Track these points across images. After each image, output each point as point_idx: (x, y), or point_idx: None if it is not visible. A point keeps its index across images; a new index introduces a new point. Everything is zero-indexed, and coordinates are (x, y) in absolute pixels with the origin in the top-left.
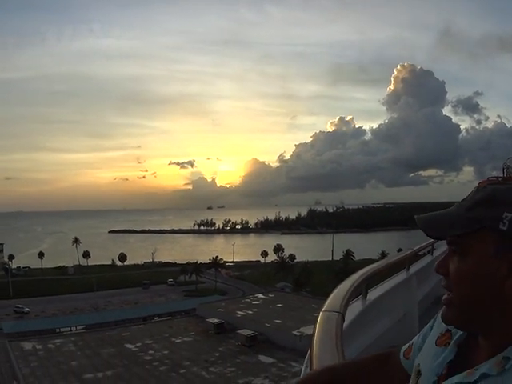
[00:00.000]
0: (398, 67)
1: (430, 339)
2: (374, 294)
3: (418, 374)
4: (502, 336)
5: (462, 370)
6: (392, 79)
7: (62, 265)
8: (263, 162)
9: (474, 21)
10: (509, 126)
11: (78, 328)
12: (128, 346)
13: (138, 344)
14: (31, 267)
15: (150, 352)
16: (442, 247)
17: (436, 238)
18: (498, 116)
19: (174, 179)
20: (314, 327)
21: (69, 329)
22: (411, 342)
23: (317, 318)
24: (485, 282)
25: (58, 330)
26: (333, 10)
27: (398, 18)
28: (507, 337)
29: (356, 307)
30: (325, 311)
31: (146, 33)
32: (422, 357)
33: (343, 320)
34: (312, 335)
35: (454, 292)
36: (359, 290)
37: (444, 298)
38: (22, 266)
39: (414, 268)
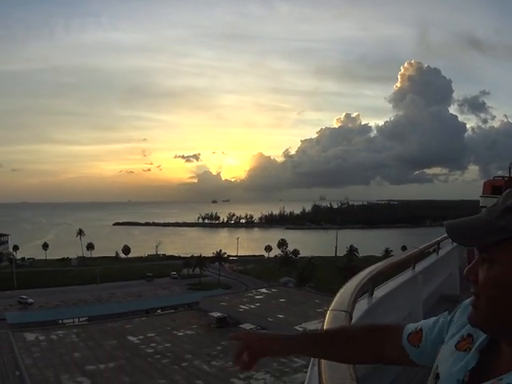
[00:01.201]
0: (405, 65)
1: (449, 341)
2: (379, 292)
3: (437, 377)
4: None
5: (485, 378)
6: (399, 77)
7: (65, 256)
8: (268, 157)
9: (481, 19)
10: None
11: (80, 320)
12: (130, 338)
13: (141, 336)
14: (35, 258)
15: (153, 345)
16: (448, 246)
17: (466, 246)
18: (505, 115)
19: (179, 172)
20: (322, 326)
21: (72, 320)
22: (419, 326)
23: (324, 316)
24: None
25: (60, 322)
26: (341, 6)
27: (406, 16)
28: None
29: (362, 305)
30: (332, 310)
31: (152, 26)
32: (440, 359)
33: (351, 319)
34: None
35: (483, 299)
36: (365, 288)
37: (472, 300)
38: (26, 256)
39: (419, 267)
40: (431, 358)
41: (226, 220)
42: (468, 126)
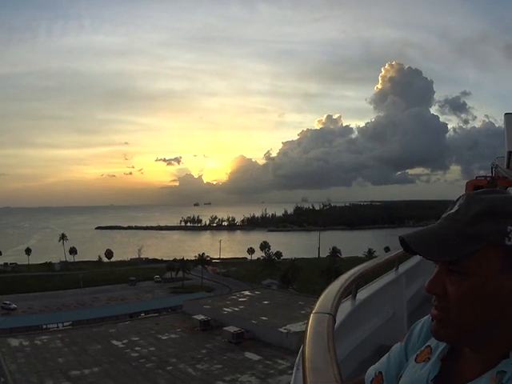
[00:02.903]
0: (386, 66)
1: (411, 359)
2: (363, 293)
3: None
4: (494, 350)
5: None
6: (379, 78)
7: (48, 261)
8: (250, 159)
9: (465, 21)
10: (497, 125)
11: (64, 324)
12: (115, 342)
13: (125, 341)
14: (18, 263)
15: (137, 349)
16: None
17: (435, 260)
18: (486, 116)
19: (160, 176)
20: (306, 329)
21: (56, 325)
22: (377, 370)
23: (308, 320)
24: (489, 300)
25: (44, 327)
26: (322, 8)
27: (388, 17)
28: (499, 351)
29: (346, 307)
30: (316, 313)
31: (135, 29)
32: (402, 376)
33: (334, 322)
34: (304, 338)
35: (454, 312)
36: (349, 290)
37: (434, 314)
38: (9, 262)
39: (402, 267)
40: None
41: (208, 223)
42: (449, 126)
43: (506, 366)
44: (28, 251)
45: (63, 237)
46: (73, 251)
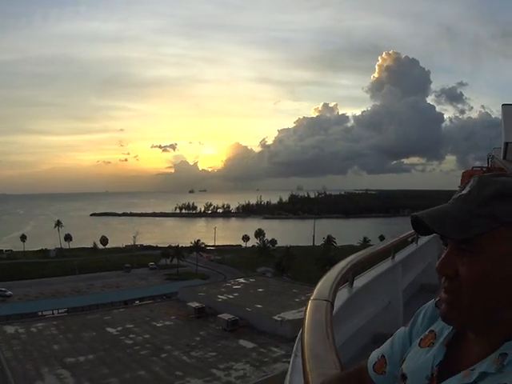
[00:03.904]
0: (383, 55)
1: (414, 344)
2: (360, 281)
3: (403, 377)
4: (501, 333)
5: (453, 370)
6: (376, 67)
7: (44, 248)
8: (246, 147)
9: (463, 11)
10: (493, 116)
11: (59, 311)
12: (109, 329)
13: (120, 328)
14: (14, 250)
15: (132, 336)
16: (426, 235)
17: (451, 237)
18: (482, 106)
19: (156, 162)
20: (304, 316)
21: (51, 312)
22: (380, 353)
23: (306, 306)
24: (502, 282)
25: (40, 314)
26: None
27: (386, 6)
28: (502, 334)
29: (343, 295)
30: (314, 299)
31: (130, 16)
32: (405, 361)
33: (332, 308)
34: (302, 324)
35: (466, 293)
36: (346, 278)
37: (444, 297)
38: (4, 249)
39: (399, 256)
40: None
41: (203, 210)
42: (446, 116)
43: (508, 348)
44: (23, 238)
45: (58, 223)
46: (68, 238)
